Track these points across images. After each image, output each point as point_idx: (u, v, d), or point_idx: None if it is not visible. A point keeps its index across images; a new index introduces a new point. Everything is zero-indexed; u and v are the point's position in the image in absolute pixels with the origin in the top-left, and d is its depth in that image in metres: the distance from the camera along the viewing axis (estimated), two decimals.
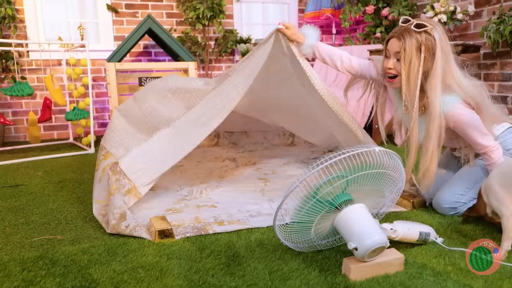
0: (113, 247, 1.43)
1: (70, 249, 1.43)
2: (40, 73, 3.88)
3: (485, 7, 3.29)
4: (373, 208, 1.44)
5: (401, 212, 1.76)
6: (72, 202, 1.97)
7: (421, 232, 1.38)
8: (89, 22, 4.09)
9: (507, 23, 2.70)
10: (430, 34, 1.49)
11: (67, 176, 2.48)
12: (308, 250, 1.38)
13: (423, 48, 1.49)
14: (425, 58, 1.49)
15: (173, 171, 2.53)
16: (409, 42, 1.49)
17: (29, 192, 2.16)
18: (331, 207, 1.26)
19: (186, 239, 1.50)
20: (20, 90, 2.90)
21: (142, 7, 4.13)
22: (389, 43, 1.57)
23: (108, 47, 4.06)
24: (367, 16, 3.93)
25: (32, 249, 1.44)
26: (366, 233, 1.19)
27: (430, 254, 1.35)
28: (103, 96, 4.13)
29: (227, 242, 1.47)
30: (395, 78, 1.60)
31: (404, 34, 1.50)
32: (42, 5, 3.89)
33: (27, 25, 3.80)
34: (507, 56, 3.12)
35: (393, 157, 1.28)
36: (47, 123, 3.91)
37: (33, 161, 2.92)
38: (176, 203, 1.92)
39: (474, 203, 1.54)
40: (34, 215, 1.80)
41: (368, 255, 1.18)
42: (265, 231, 1.57)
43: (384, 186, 1.34)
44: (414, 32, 1.50)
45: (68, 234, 1.58)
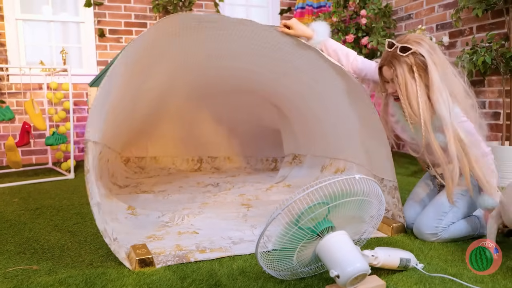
0: (91, 277, 1.39)
1: (46, 279, 1.38)
2: (19, 97, 3.83)
3: (459, 38, 3.45)
4: (355, 235, 1.45)
5: (382, 238, 1.77)
6: (50, 230, 1.91)
7: (401, 259, 1.39)
8: (72, 47, 4.10)
9: (479, 53, 2.83)
10: (417, 53, 1.52)
11: (45, 202, 2.42)
12: (290, 278, 1.37)
13: (415, 69, 1.52)
14: (419, 76, 1.52)
15: (155, 196, 2.51)
16: (399, 68, 1.53)
17: (4, 219, 2.09)
18: (313, 234, 1.27)
19: (167, 267, 1.48)
20: (1, 115, 2.86)
21: (126, 32, 4.16)
22: (383, 72, 1.62)
23: (91, 72, 4.05)
24: (347, 45, 4.05)
25: (5, 280, 1.39)
26: (348, 260, 1.20)
27: (411, 281, 1.36)
28: (84, 120, 4.09)
29: (209, 271, 1.45)
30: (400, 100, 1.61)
31: (393, 61, 1.54)
32: (24, 29, 3.89)
33: (8, 49, 3.77)
34: (480, 85, 3.26)
35: (373, 184, 1.30)
36: (26, 147, 3.83)
37: (9, 187, 2.84)
38: (157, 230, 1.89)
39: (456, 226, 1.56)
40: (9, 244, 1.74)
41: (350, 282, 1.19)
42: (248, 258, 1.56)
43: (365, 213, 1.36)
44: (401, 56, 1.53)
45: (44, 264, 1.53)
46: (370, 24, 3.98)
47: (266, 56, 2.07)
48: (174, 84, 2.61)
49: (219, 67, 2.35)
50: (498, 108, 3.12)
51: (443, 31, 3.60)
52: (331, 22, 4.06)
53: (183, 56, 2.12)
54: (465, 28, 3.38)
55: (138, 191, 2.64)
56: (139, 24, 4.19)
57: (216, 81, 2.67)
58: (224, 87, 2.78)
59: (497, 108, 3.13)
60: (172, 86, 2.63)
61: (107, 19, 4.08)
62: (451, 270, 1.43)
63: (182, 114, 3.22)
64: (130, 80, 1.95)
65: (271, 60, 2.10)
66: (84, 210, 2.25)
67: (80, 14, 4.05)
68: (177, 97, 2.92)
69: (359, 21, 3.97)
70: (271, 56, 2.05)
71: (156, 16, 4.22)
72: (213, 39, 1.95)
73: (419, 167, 3.40)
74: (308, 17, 4.42)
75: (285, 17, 4.77)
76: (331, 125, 2.35)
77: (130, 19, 4.17)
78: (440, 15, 3.64)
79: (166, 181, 2.92)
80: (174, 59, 2.13)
